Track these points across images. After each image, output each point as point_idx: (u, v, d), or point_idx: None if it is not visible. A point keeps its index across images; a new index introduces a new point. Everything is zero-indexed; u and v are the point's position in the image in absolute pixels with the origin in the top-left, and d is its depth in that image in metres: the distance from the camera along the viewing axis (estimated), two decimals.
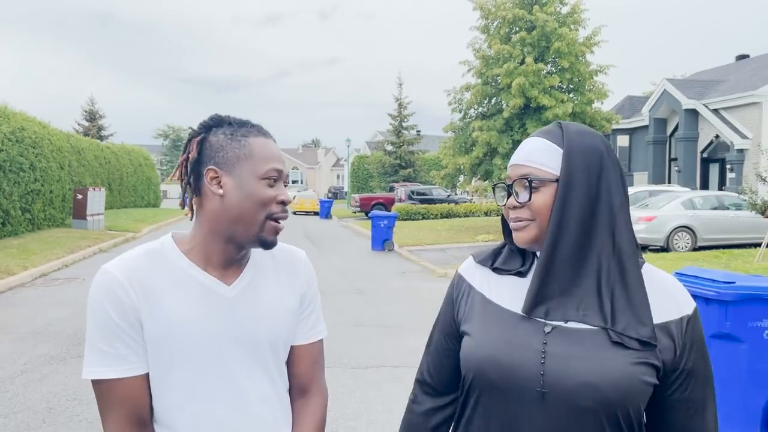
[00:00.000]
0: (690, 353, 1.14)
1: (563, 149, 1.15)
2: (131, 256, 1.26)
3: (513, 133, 18.58)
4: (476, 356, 1.18)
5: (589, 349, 1.09)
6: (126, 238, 17.46)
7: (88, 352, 1.21)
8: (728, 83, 22.43)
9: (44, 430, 4.02)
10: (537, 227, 1.17)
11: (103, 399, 1.21)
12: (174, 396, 1.23)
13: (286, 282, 1.36)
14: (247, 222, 1.23)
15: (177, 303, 1.23)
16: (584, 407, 1.07)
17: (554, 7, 18.76)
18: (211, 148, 1.26)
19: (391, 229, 16.24)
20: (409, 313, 8.09)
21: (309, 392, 1.39)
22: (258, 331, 1.28)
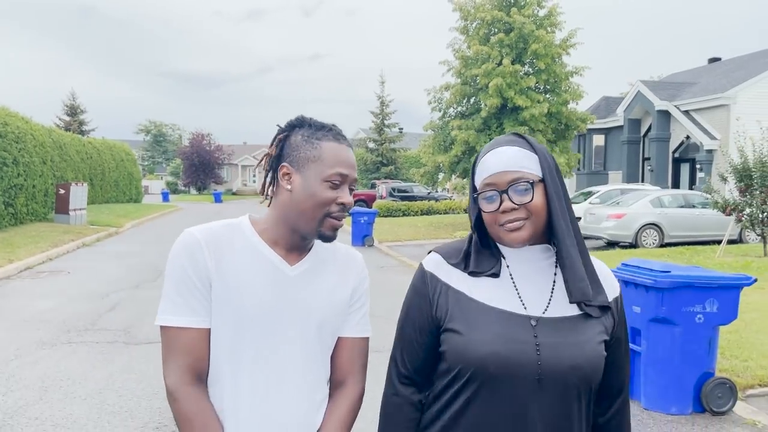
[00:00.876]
0: (620, 326, 1.36)
1: (537, 155, 1.32)
2: (213, 225, 1.41)
3: (491, 132, 19.04)
4: (475, 352, 1.27)
5: (571, 334, 1.28)
6: (109, 233, 17.64)
7: (163, 302, 1.35)
8: (699, 85, 23.13)
9: (41, 406, 4.36)
10: (532, 225, 1.29)
11: (169, 345, 1.33)
12: (226, 355, 1.34)
13: (341, 276, 1.48)
14: (308, 217, 1.36)
15: (244, 271, 1.36)
16: (572, 385, 1.26)
17: (532, 9, 19.23)
18: (290, 147, 1.39)
19: (371, 225, 16.61)
20: (385, 304, 8.46)
21: (345, 384, 1.48)
22: (310, 312, 1.40)
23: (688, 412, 4.50)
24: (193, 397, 1.31)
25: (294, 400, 1.38)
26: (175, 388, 1.31)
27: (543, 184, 1.29)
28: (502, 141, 1.34)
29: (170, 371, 1.32)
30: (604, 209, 15.21)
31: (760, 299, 8.07)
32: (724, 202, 12.15)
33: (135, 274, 10.45)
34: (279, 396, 1.36)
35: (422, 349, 1.39)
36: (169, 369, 1.32)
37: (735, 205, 11.99)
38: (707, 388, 4.48)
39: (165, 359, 1.33)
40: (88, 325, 6.79)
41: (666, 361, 4.50)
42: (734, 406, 4.52)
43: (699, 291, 4.42)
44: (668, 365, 4.50)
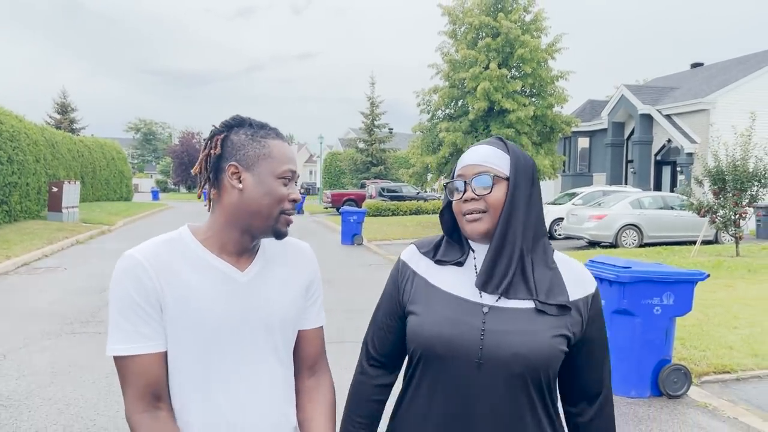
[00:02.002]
0: (593, 324, 1.38)
1: (510, 156, 1.38)
2: (151, 243, 1.35)
3: (478, 134, 19.48)
4: (424, 333, 1.35)
5: (520, 324, 1.31)
6: (101, 231, 17.91)
7: (112, 331, 1.29)
8: (681, 90, 23.71)
9: (53, 389, 4.72)
10: (489, 219, 1.35)
11: (124, 374, 1.29)
12: (190, 374, 1.31)
13: (294, 271, 1.46)
14: (264, 215, 1.34)
15: (195, 286, 1.31)
16: (515, 373, 1.29)
17: (518, 15, 19.67)
18: (233, 146, 1.35)
19: (361, 224, 16.98)
20: (372, 299, 8.78)
21: (318, 372, 1.52)
22: (269, 315, 1.38)
23: (647, 395, 4.93)
24: (145, 423, 1.26)
25: (269, 404, 1.39)
26: (129, 417, 1.28)
27: (507, 182, 1.35)
28: (483, 141, 1.44)
29: (127, 401, 1.28)
30: (586, 210, 15.69)
31: (725, 296, 8.55)
32: (699, 203, 12.65)
33: None
34: (254, 403, 1.36)
35: (391, 333, 1.47)
36: (126, 398, 1.29)
37: (709, 207, 12.49)
38: (664, 373, 4.91)
39: (123, 387, 1.29)
40: (89, 317, 7.14)
41: (627, 349, 4.93)
42: (688, 391, 4.95)
43: (657, 285, 4.85)
44: (629, 353, 4.93)
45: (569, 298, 1.34)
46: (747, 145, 12.01)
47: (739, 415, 4.54)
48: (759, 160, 11.93)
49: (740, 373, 5.39)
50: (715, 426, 4.38)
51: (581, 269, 1.42)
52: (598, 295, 1.40)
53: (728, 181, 12.10)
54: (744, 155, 12.00)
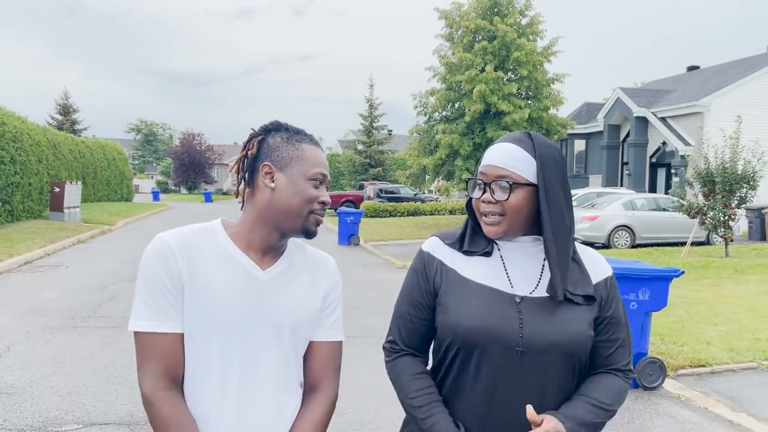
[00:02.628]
0: (611, 304, 1.45)
1: (537, 160, 1.38)
2: (184, 230, 1.41)
3: (474, 136, 19.73)
4: (463, 325, 1.38)
5: (554, 314, 1.37)
6: (102, 231, 18.13)
7: (137, 306, 1.35)
8: (676, 93, 23.93)
9: (56, 378, 4.94)
10: (507, 223, 1.39)
11: (143, 351, 1.33)
12: (199, 360, 1.35)
13: (314, 280, 1.49)
14: (293, 214, 1.39)
15: (216, 276, 1.36)
16: (554, 360, 1.37)
17: (514, 18, 19.94)
18: (269, 148, 1.42)
19: (357, 225, 17.19)
20: (366, 298, 9.11)
21: (318, 388, 1.48)
22: (282, 317, 1.40)
23: None
24: (168, 402, 1.31)
25: (266, 405, 1.40)
26: (150, 393, 1.31)
27: (529, 187, 1.37)
28: (511, 137, 1.43)
29: (146, 377, 1.32)
30: (580, 211, 15.92)
31: (710, 295, 8.77)
32: (689, 205, 12.87)
33: (130, 269, 10.98)
34: (251, 400, 1.38)
35: (422, 325, 1.48)
36: (145, 375, 1.32)
37: (699, 209, 12.71)
38: (640, 366, 5.13)
39: (140, 365, 1.34)
40: (90, 313, 7.37)
41: None
42: (663, 383, 5.18)
43: (633, 281, 5.08)
44: None
45: (592, 283, 1.42)
46: (736, 148, 12.23)
47: (710, 406, 4.76)
48: (747, 162, 12.15)
49: (715, 366, 5.61)
50: (685, 415, 4.60)
51: (596, 255, 1.50)
52: (614, 278, 1.48)
53: (717, 182, 12.32)
54: (733, 157, 12.22)
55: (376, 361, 5.70)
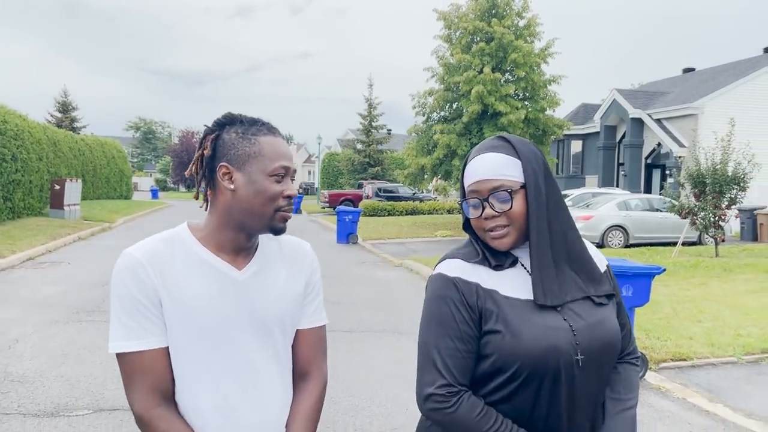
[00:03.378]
0: (616, 289, 1.49)
1: (520, 160, 1.35)
2: (150, 241, 1.36)
3: (471, 136, 19.95)
4: (526, 349, 1.28)
5: (591, 316, 1.35)
6: (102, 228, 18.34)
7: (114, 328, 1.31)
8: (672, 95, 24.19)
9: (65, 368, 5.17)
10: (515, 231, 1.34)
11: (129, 371, 1.29)
12: (189, 371, 1.32)
13: (292, 269, 1.46)
14: (257, 215, 1.34)
15: (192, 284, 1.32)
16: (606, 361, 1.37)
17: (512, 20, 20.16)
18: (224, 146, 1.35)
19: (356, 224, 17.42)
20: (363, 294, 9.34)
21: (309, 375, 1.48)
22: (267, 313, 1.38)
23: None
24: (163, 419, 1.29)
25: (265, 402, 1.39)
26: (143, 412, 1.29)
27: (522, 190, 1.33)
28: (487, 146, 1.38)
29: (135, 397, 1.29)
30: (574, 211, 16.14)
31: (697, 293, 9.01)
32: (680, 205, 13.11)
33: None
34: (254, 400, 1.37)
35: (471, 359, 1.34)
36: (134, 394, 1.30)
37: (690, 209, 12.95)
38: None
39: (128, 385, 1.30)
40: (94, 308, 7.58)
41: None
42: (645, 375, 5.41)
43: (617, 278, 5.29)
44: None
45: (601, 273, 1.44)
46: (726, 150, 12.46)
47: (688, 396, 5.00)
48: (738, 164, 12.38)
49: (696, 360, 5.84)
50: (664, 405, 4.83)
51: (595, 247, 1.53)
52: (608, 266, 1.52)
53: (708, 184, 12.55)
54: (723, 159, 12.45)
55: (369, 353, 5.97)
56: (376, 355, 5.94)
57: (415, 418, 4.22)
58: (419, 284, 10.68)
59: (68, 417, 4.16)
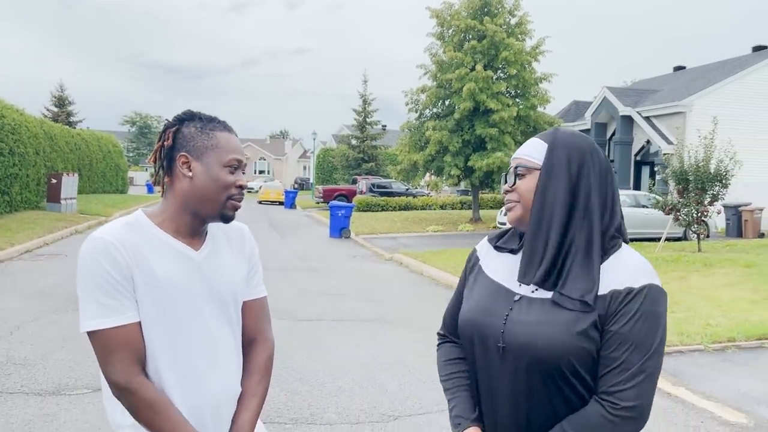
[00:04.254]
0: (620, 319, 1.28)
1: (548, 144, 1.40)
2: (114, 226, 1.47)
3: (463, 133, 20.26)
4: (463, 318, 1.47)
5: (539, 315, 1.33)
6: (99, 221, 18.53)
7: (87, 307, 1.40)
8: (661, 93, 24.51)
9: (64, 353, 5.45)
10: (521, 208, 1.40)
11: (107, 346, 1.39)
12: (158, 342, 1.44)
13: (237, 250, 1.63)
14: (212, 201, 1.49)
15: (158, 263, 1.45)
16: (530, 362, 1.32)
17: (503, 18, 20.44)
18: (184, 138, 1.50)
19: (348, 219, 17.69)
20: (353, 286, 9.63)
21: (256, 341, 1.65)
22: (222, 289, 1.54)
23: None
24: (146, 385, 1.40)
25: (227, 369, 1.55)
26: (126, 382, 1.38)
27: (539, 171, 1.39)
28: (542, 133, 1.48)
29: (116, 369, 1.38)
30: None
31: (675, 286, 9.32)
32: (664, 202, 13.43)
33: None
34: (215, 366, 1.52)
35: (456, 315, 1.56)
36: (114, 367, 1.39)
37: (673, 206, 13.27)
38: None
39: (106, 361, 1.40)
40: None
41: None
42: None
43: None
44: None
45: (598, 292, 1.30)
46: (709, 147, 12.77)
47: None
48: (719, 161, 12.69)
49: (665, 348, 6.15)
50: None
51: (634, 265, 1.34)
52: (643, 292, 1.29)
53: (691, 181, 12.87)
54: (706, 157, 12.76)
55: (355, 340, 6.28)
56: (362, 343, 6.23)
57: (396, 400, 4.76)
58: (408, 277, 10.99)
59: (69, 395, 4.45)
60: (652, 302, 1.29)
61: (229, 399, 1.56)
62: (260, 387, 1.61)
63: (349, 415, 4.29)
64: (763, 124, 21.41)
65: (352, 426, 4.11)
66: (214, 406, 1.51)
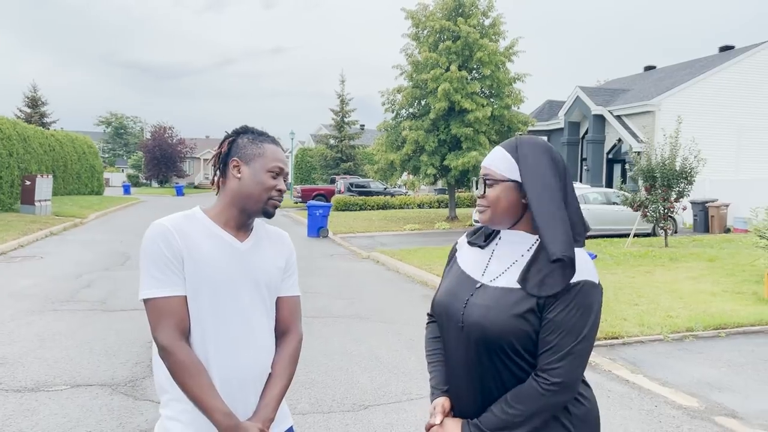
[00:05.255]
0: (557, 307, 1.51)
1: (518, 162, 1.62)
2: (174, 216, 1.75)
3: (439, 132, 20.52)
4: (436, 301, 1.75)
5: (493, 301, 1.57)
6: (74, 223, 18.46)
7: (145, 280, 1.67)
8: (632, 92, 25.05)
9: (42, 351, 5.54)
10: (490, 213, 1.64)
11: (157, 313, 1.65)
12: (203, 316, 1.69)
13: (276, 249, 1.88)
14: (255, 199, 1.76)
15: (207, 249, 1.71)
16: (479, 339, 1.57)
17: (477, 19, 20.72)
18: (237, 147, 1.79)
19: (326, 218, 17.81)
20: (329, 284, 9.79)
21: (288, 332, 1.87)
22: (260, 277, 1.78)
23: None
24: (185, 349, 1.63)
25: (258, 346, 1.77)
26: (168, 344, 1.62)
27: (507, 183, 1.61)
28: (503, 143, 1.70)
29: (162, 332, 1.63)
30: None
31: (641, 280, 9.65)
32: (632, 198, 13.82)
33: (103, 259, 11.51)
34: (248, 344, 1.74)
35: None
36: (161, 330, 1.63)
37: (641, 202, 13.66)
38: None
39: (155, 325, 1.65)
40: (68, 298, 7.92)
41: None
42: None
43: None
44: None
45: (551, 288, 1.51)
46: (675, 146, 13.17)
47: (614, 369, 5.57)
48: (684, 159, 13.10)
49: (626, 338, 6.43)
50: (589, 376, 5.35)
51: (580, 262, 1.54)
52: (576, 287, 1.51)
53: (657, 178, 13.26)
54: (672, 155, 13.16)
55: (329, 335, 6.46)
56: (335, 338, 6.41)
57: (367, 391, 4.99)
58: (383, 275, 11.18)
59: (47, 392, 4.56)
60: (585, 295, 1.52)
61: (258, 376, 1.77)
62: (288, 371, 1.83)
63: (321, 405, 4.47)
64: (728, 122, 22.03)
65: (324, 415, 4.30)
66: (243, 380, 1.72)
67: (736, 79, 22.35)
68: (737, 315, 7.18)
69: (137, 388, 4.71)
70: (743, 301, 8.02)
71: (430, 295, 8.99)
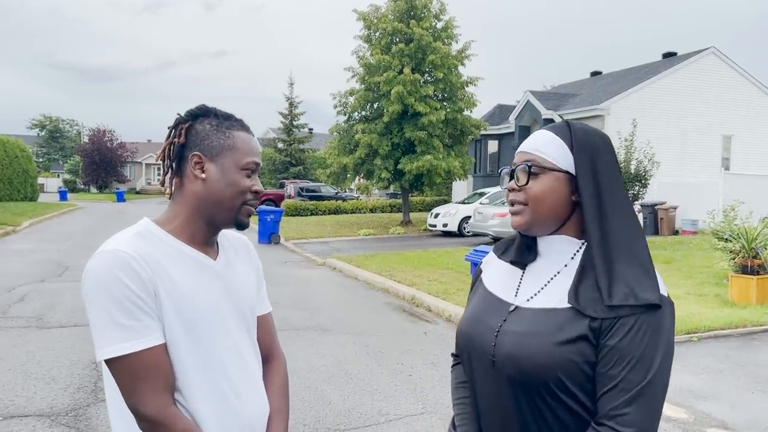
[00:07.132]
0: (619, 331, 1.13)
1: (572, 148, 1.22)
2: (126, 237, 1.29)
3: (392, 136, 20.26)
4: (459, 331, 1.37)
5: (531, 326, 1.20)
6: (6, 231, 17.27)
7: (104, 331, 1.20)
8: (581, 97, 25.47)
9: None
10: (530, 213, 1.23)
11: (134, 373, 1.20)
12: (188, 365, 1.27)
13: (246, 261, 1.51)
14: (227, 206, 1.35)
15: (180, 275, 1.29)
16: (515, 374, 1.19)
17: (430, 22, 20.60)
18: (197, 136, 1.35)
19: (278, 224, 17.28)
20: (286, 293, 9.32)
21: (272, 356, 1.55)
22: (242, 301, 1.42)
23: None
24: (180, 418, 1.24)
25: (258, 386, 1.42)
26: (158, 414, 1.21)
27: (557, 173, 1.22)
28: (548, 126, 1.30)
29: (145, 399, 1.21)
30: (491, 209, 16.73)
31: None
32: None
33: (38, 270, 10.67)
34: (249, 386, 1.39)
35: None
36: (144, 397, 1.21)
37: None
38: None
39: (134, 390, 1.21)
40: (0, 314, 7.19)
41: None
42: None
43: None
44: None
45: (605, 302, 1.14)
46: (629, 149, 13.30)
47: None
48: (639, 162, 13.24)
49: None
50: None
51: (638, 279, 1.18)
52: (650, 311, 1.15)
53: None
54: (627, 158, 13.28)
55: (292, 350, 6.00)
56: (300, 352, 5.98)
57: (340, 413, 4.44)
58: (342, 282, 10.77)
59: None
60: (654, 314, 1.17)
61: (263, 421, 1.43)
62: (285, 404, 1.51)
63: (292, 430, 4.04)
64: (674, 126, 22.62)
65: None
66: (251, 430, 1.38)
67: (679, 84, 22.99)
68: (706, 318, 7.13)
69: (80, 418, 4.16)
70: (708, 303, 8.01)
71: (393, 303, 8.66)
